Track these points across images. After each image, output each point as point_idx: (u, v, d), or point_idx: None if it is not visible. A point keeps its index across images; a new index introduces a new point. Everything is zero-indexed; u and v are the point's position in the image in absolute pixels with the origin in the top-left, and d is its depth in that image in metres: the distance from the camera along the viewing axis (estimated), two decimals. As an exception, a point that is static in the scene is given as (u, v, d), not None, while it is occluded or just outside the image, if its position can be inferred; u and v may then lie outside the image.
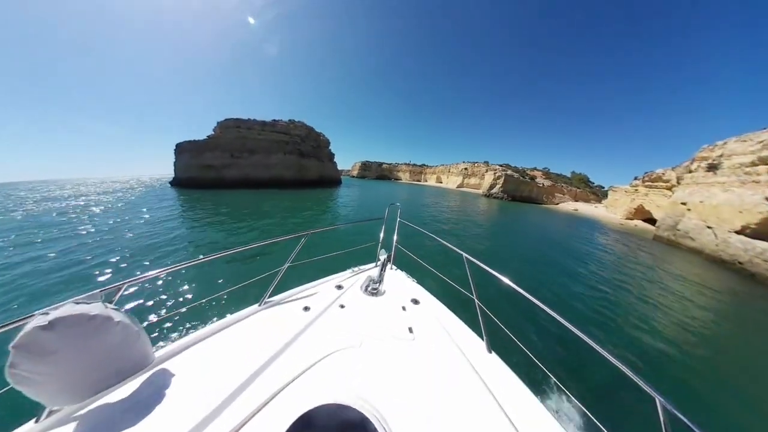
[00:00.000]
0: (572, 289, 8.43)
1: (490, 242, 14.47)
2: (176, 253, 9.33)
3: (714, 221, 17.19)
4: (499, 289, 1.96)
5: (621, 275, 10.84)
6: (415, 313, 2.20)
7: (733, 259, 14.28)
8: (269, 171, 46.79)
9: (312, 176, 53.88)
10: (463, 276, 2.19)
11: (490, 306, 1.95)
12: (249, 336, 1.76)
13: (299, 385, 1.40)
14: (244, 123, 47.12)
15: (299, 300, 2.22)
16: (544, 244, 15.84)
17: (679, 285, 10.40)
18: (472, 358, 1.72)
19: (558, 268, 10.82)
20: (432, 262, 3.11)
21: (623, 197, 42.67)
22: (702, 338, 6.25)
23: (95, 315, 1.17)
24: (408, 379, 1.51)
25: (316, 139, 59.37)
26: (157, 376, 1.37)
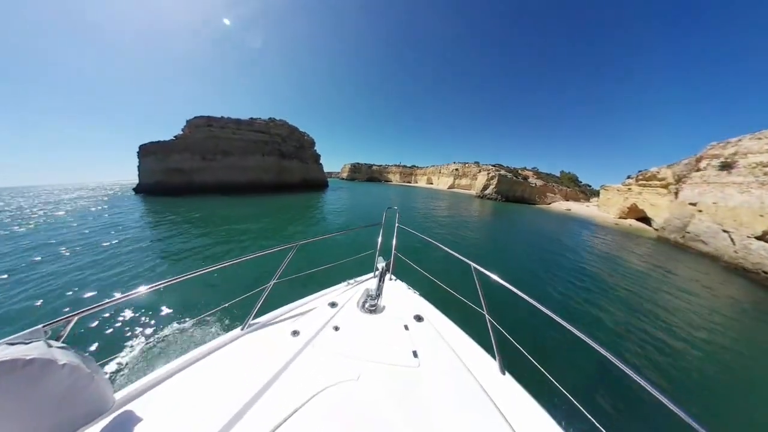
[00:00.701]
0: (595, 302, 7.65)
1: (499, 252, 12.89)
2: (119, 283, 7.34)
3: (730, 225, 15.85)
4: (512, 302, 1.92)
5: (638, 286, 9.72)
6: (418, 332, 2.00)
7: (757, 268, 12.86)
8: (246, 174, 42.24)
9: (295, 179, 49.87)
10: (471, 288, 1.97)
11: (503, 322, 1.81)
12: (229, 366, 1.57)
13: (288, 428, 1.23)
14: (217, 121, 42.06)
15: (288, 320, 2.02)
16: (551, 250, 14.60)
17: (713, 302, 9.07)
18: (484, 382, 1.57)
19: (573, 277, 10.03)
20: (435, 271, 2.84)
21: (616, 196, 42.03)
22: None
23: (32, 359, 0.95)
24: (414, 414, 1.37)
25: (300, 139, 55.16)
26: (118, 423, 1.18)
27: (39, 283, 7.15)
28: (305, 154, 55.39)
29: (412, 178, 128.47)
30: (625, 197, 38.65)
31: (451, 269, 2.93)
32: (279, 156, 47.46)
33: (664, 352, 5.47)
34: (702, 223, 17.79)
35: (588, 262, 12.34)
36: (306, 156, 55.33)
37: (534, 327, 5.07)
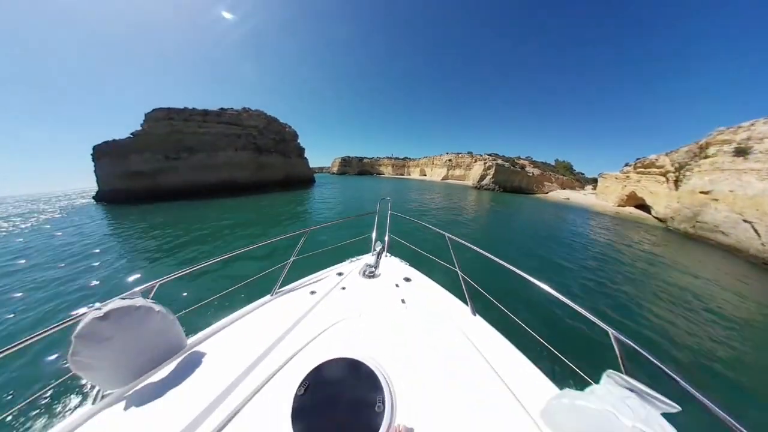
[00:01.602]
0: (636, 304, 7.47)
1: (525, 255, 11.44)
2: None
3: (752, 214, 15.15)
4: (480, 260, 2.17)
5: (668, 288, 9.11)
6: (407, 288, 2.49)
7: (792, 262, 12.20)
8: (217, 173, 36.80)
9: (276, 176, 44.70)
10: (448, 253, 2.53)
11: (473, 276, 2.29)
12: (264, 320, 2.00)
13: (309, 349, 1.66)
14: (179, 113, 35.42)
15: (306, 287, 2.48)
16: (565, 244, 14.20)
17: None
18: (458, 321, 1.99)
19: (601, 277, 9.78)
20: (422, 246, 3.33)
21: (614, 184, 41.80)
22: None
23: (140, 306, 1.39)
24: (403, 340, 1.76)
25: (280, 132, 49.78)
26: (191, 358, 1.59)
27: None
28: (287, 147, 50.15)
29: (405, 171, 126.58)
30: (624, 185, 38.38)
31: (435, 245, 3.50)
32: (255, 150, 42.02)
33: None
34: (719, 213, 17.09)
35: (597, 256, 12.40)
36: (288, 150, 50.24)
37: (498, 278, 6.05)
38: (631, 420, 0.87)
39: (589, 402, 1.00)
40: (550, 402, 1.15)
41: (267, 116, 47.50)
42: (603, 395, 1.00)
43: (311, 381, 1.16)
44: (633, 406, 0.91)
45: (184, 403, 1.28)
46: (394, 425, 1.08)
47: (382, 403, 1.09)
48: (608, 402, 0.95)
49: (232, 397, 1.31)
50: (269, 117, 48.01)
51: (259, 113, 45.82)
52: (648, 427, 0.84)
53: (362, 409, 1.08)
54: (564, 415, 1.10)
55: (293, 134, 53.76)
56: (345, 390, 1.17)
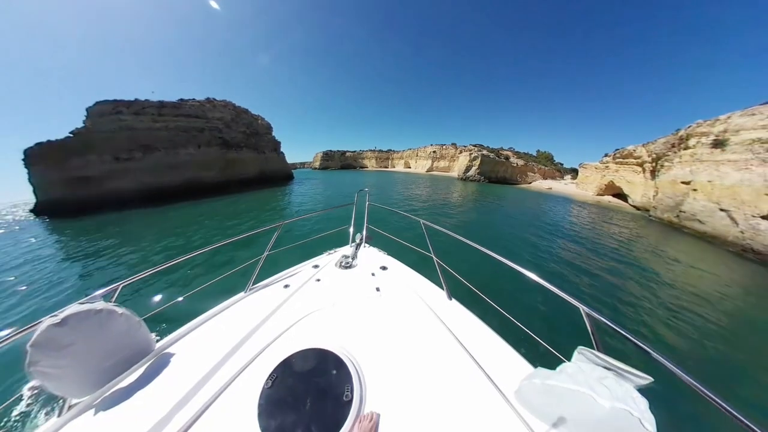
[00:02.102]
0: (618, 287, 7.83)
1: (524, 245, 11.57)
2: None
3: (729, 203, 15.97)
4: (456, 245, 2.20)
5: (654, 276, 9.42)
6: (382, 276, 2.48)
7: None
8: (180, 173, 31.37)
9: (248, 173, 39.93)
10: (424, 240, 2.53)
11: (449, 260, 2.27)
12: (237, 317, 1.95)
13: (280, 342, 1.62)
14: (129, 106, 29.88)
15: (280, 281, 2.42)
16: (552, 231, 15.10)
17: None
18: (433, 305, 1.99)
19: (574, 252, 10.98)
20: (400, 235, 3.32)
21: (593, 174, 43.47)
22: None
23: (101, 309, 1.32)
24: (376, 327, 1.76)
25: (251, 124, 44.95)
26: (160, 361, 1.51)
27: None
28: (260, 141, 45.27)
29: (389, 163, 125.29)
30: (603, 175, 39.99)
31: (413, 233, 3.68)
32: (222, 146, 37.12)
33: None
34: (697, 203, 17.95)
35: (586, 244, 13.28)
36: (261, 144, 45.30)
37: (473, 262, 6.16)
38: (609, 401, 0.86)
39: (560, 381, 0.97)
40: (522, 383, 1.11)
41: (235, 107, 42.54)
42: (574, 373, 0.99)
43: (279, 374, 1.22)
44: (610, 386, 0.90)
45: (152, 406, 1.26)
46: (362, 413, 1.11)
47: (350, 392, 1.15)
48: (583, 383, 0.93)
49: (199, 397, 1.28)
50: (238, 108, 43.08)
51: (226, 104, 40.84)
52: (624, 403, 0.85)
53: (329, 398, 1.12)
54: (536, 395, 1.09)
55: (266, 127, 49.12)
56: (313, 380, 1.20)
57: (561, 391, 0.96)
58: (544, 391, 1.03)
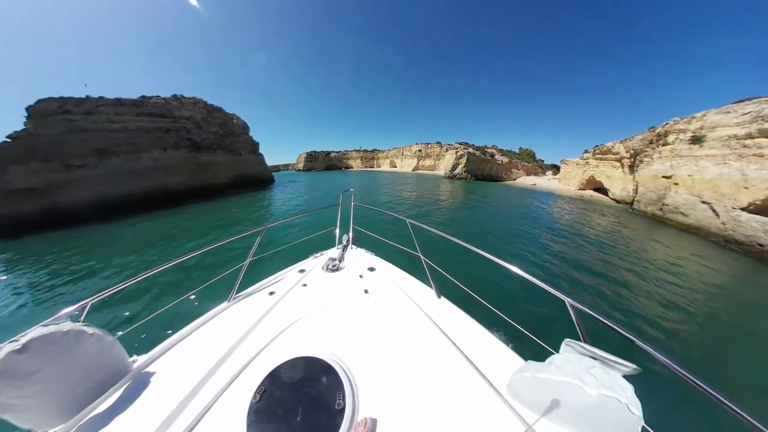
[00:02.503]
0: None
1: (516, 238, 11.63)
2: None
3: (710, 196, 16.83)
4: (443, 243, 2.20)
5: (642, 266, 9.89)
6: (371, 278, 2.44)
7: (751, 241, 13.69)
8: (143, 180, 27.11)
9: (223, 178, 36.27)
10: (411, 239, 2.49)
11: (437, 258, 2.29)
12: (220, 329, 1.83)
13: (267, 353, 1.54)
14: (79, 104, 24.64)
15: (265, 288, 2.32)
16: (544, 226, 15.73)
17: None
18: (423, 304, 1.98)
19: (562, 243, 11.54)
20: (387, 235, 3.28)
21: (575, 169, 45.18)
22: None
23: (68, 330, 1.19)
24: (365, 330, 1.74)
25: (225, 124, 40.57)
26: (139, 381, 1.41)
27: None
28: (236, 142, 41.59)
29: (375, 163, 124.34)
30: (584, 170, 41.64)
31: (400, 232, 3.36)
32: (192, 148, 32.90)
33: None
34: (679, 196, 18.82)
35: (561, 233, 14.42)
36: (237, 145, 41.62)
37: (460, 259, 6.20)
38: (595, 389, 0.89)
39: (550, 373, 1.00)
40: (513, 377, 1.13)
41: (206, 105, 38.36)
42: (562, 365, 1.01)
43: (267, 386, 1.17)
44: (597, 375, 0.94)
45: (132, 431, 1.19)
46: (356, 420, 1.08)
47: (342, 400, 1.12)
48: (572, 373, 0.96)
49: (183, 417, 1.21)
50: (210, 106, 38.90)
51: (195, 101, 36.66)
52: (611, 391, 0.88)
53: (321, 408, 1.09)
54: (528, 387, 1.11)
55: (243, 126, 45.19)
56: (303, 390, 1.16)
57: (551, 382, 0.99)
58: (534, 384, 1.06)
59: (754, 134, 15.36)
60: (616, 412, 0.87)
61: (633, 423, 0.86)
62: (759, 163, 14.66)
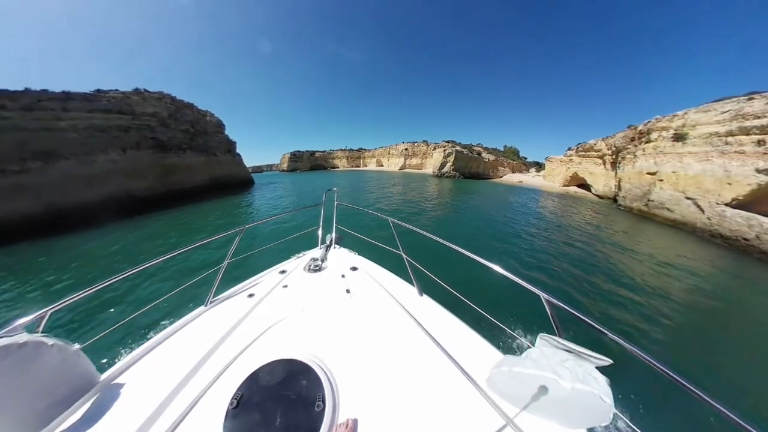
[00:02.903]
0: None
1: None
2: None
3: (694, 192, 17.35)
4: (425, 242, 2.23)
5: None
6: (353, 277, 2.42)
7: (736, 235, 14.13)
8: (100, 187, 22.73)
9: (195, 181, 32.50)
10: (393, 239, 2.54)
11: (419, 257, 2.29)
12: (197, 334, 1.77)
13: (245, 357, 1.50)
14: (16, 98, 20.61)
15: (244, 291, 2.26)
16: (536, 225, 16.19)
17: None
18: (405, 303, 2.00)
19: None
20: (371, 234, 3.25)
21: (559, 166, 46.35)
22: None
23: (25, 342, 1.10)
24: (347, 330, 1.73)
25: (197, 121, 36.65)
26: (108, 393, 1.35)
27: None
28: (209, 142, 37.68)
29: (361, 162, 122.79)
30: (567, 167, 42.78)
31: (383, 231, 3.48)
32: (157, 148, 28.97)
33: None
34: (664, 192, 19.36)
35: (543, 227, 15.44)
36: (211, 145, 37.67)
37: (441, 257, 6.12)
38: (570, 382, 0.93)
39: (525, 367, 1.03)
40: (492, 371, 1.16)
41: (174, 100, 34.20)
42: (537, 358, 1.05)
43: (244, 391, 1.15)
44: (571, 368, 0.97)
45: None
46: (336, 423, 1.07)
47: (322, 401, 1.11)
48: (547, 367, 1.00)
49: (156, 429, 1.17)
50: (178, 102, 34.81)
51: (161, 96, 32.46)
52: (584, 384, 0.92)
53: (300, 411, 1.07)
54: (505, 381, 1.14)
55: (217, 124, 41.15)
56: (282, 394, 1.14)
57: (527, 376, 1.03)
58: (511, 378, 1.09)
59: (735, 132, 15.91)
60: (589, 402, 0.93)
61: (605, 411, 0.91)
62: (740, 159, 15.17)
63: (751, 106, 15.68)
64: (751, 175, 14.59)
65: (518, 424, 1.12)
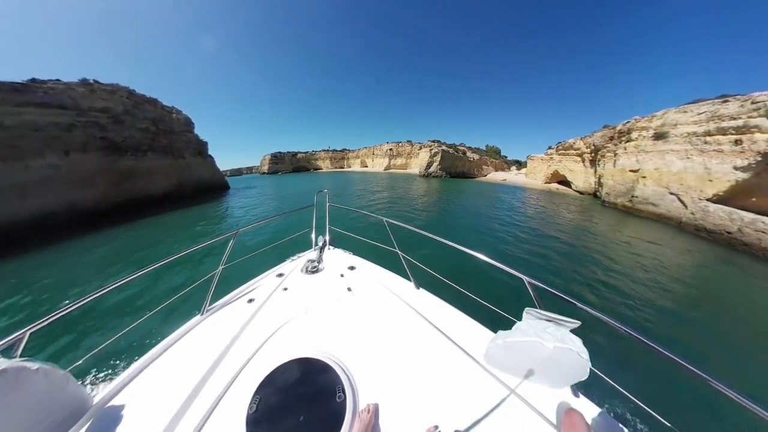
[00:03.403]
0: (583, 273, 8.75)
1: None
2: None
3: (677, 188, 18.28)
4: (417, 238, 2.64)
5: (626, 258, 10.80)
6: (352, 276, 2.52)
7: (720, 229, 14.96)
8: (35, 197, 18.58)
9: (158, 188, 28.19)
10: (388, 237, 2.66)
11: (413, 253, 2.43)
12: (195, 345, 1.71)
13: (255, 362, 1.50)
14: None
15: (243, 296, 2.26)
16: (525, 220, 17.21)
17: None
18: (404, 296, 2.15)
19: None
20: (364, 234, 3.38)
21: (540, 164, 48.02)
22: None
23: (3, 369, 0.98)
24: (353, 325, 1.83)
25: (162, 119, 31.91)
26: (104, 419, 1.27)
27: None
28: (176, 142, 33.03)
29: (345, 163, 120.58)
30: (549, 165, 44.42)
31: (377, 231, 3.38)
32: (108, 150, 24.00)
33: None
34: (647, 188, 20.33)
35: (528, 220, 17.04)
36: (178, 146, 32.89)
37: (434, 251, 6.87)
38: (552, 343, 1.09)
39: (516, 336, 1.18)
40: (488, 346, 1.29)
41: (134, 94, 29.04)
42: (526, 329, 1.19)
43: (262, 395, 1.16)
44: (552, 332, 1.13)
45: None
46: (359, 408, 1.16)
47: (342, 392, 1.18)
48: (533, 334, 1.14)
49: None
50: (138, 96, 29.55)
51: (115, 89, 27.27)
52: (563, 343, 1.09)
53: (323, 403, 1.14)
54: (502, 353, 1.28)
55: (185, 122, 35.98)
56: (300, 391, 1.18)
57: (518, 343, 1.18)
58: (505, 348, 1.24)
59: (713, 132, 16.90)
60: (569, 359, 1.08)
61: (583, 365, 1.08)
62: (719, 158, 16.11)
63: (726, 108, 16.72)
64: (729, 172, 15.51)
65: (519, 392, 1.33)
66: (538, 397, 1.31)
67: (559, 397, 1.49)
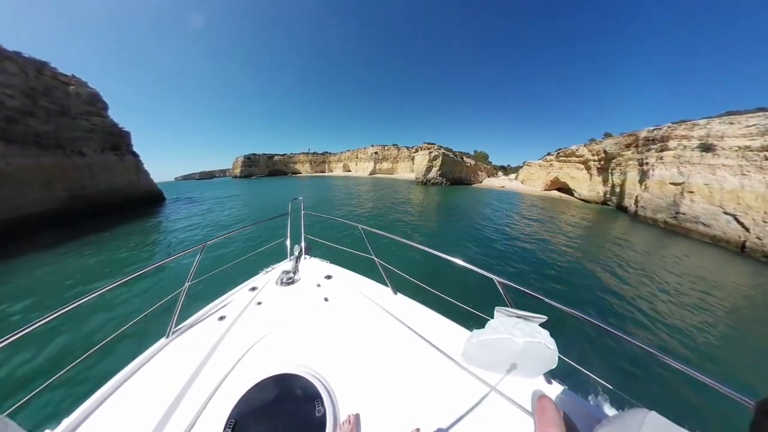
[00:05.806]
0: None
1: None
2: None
3: (733, 208, 16.91)
4: (392, 244, 2.62)
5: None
6: (329, 286, 2.52)
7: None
8: None
9: (26, 202, 17.06)
10: (364, 244, 2.63)
11: (390, 259, 2.45)
12: (161, 370, 1.59)
13: (229, 383, 1.43)
14: None
15: (213, 314, 2.15)
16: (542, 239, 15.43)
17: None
18: (382, 303, 2.18)
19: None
20: (340, 242, 3.36)
21: (538, 171, 47.29)
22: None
23: None
24: (331, 336, 1.82)
25: (49, 92, 20.32)
26: None
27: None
28: (72, 130, 21.96)
29: (326, 167, 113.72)
30: (548, 172, 43.68)
31: (354, 238, 3.35)
32: None
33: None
34: (696, 205, 18.85)
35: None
36: (71, 136, 21.72)
37: (409, 258, 7.44)
38: (522, 338, 1.18)
39: (489, 335, 1.25)
40: (464, 345, 1.34)
41: (18, 60, 18.03)
42: (497, 326, 1.27)
43: (237, 417, 1.11)
44: (521, 328, 1.23)
45: None
46: (340, 420, 1.15)
47: (321, 405, 1.16)
48: (504, 331, 1.23)
49: None
50: (2, 53, 17.49)
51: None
52: (532, 337, 1.18)
53: (301, 420, 1.10)
54: (477, 351, 1.33)
55: (89, 100, 23.63)
56: (279, 409, 1.14)
57: (490, 341, 1.25)
58: (480, 346, 1.29)
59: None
60: (539, 351, 1.18)
61: (551, 356, 1.18)
62: (791, 176, 14.84)
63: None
64: (806, 193, 14.18)
65: (497, 387, 1.39)
66: (514, 388, 1.40)
67: (534, 385, 1.47)
